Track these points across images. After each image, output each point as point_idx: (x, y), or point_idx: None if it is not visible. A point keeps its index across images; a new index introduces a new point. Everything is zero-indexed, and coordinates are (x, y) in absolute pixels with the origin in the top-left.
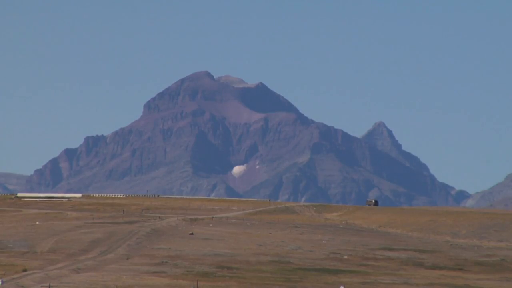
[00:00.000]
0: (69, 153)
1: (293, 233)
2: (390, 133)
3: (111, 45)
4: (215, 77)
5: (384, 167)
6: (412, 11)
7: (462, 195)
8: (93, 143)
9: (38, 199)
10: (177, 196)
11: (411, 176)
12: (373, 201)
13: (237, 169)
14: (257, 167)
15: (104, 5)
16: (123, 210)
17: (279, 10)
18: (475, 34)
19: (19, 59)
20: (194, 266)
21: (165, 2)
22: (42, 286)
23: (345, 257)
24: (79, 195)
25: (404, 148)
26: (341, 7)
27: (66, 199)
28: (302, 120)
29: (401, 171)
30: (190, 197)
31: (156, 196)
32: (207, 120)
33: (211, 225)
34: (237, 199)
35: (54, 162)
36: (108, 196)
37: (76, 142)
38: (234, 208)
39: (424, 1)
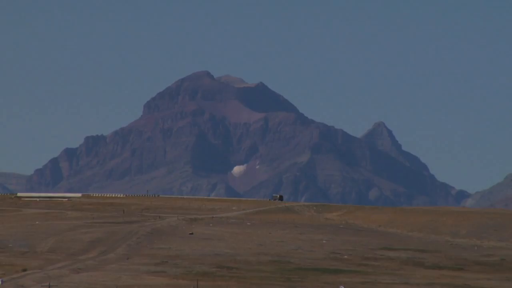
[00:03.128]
0: (69, 153)
1: (293, 233)
2: (390, 133)
3: (111, 45)
4: (215, 77)
5: (384, 167)
6: (412, 11)
7: (462, 195)
8: (93, 143)
9: (38, 199)
10: (177, 196)
11: (411, 176)
12: (278, 196)
13: (237, 169)
14: (257, 167)
15: (104, 5)
16: (123, 210)
17: (279, 10)
18: (475, 33)
19: (19, 59)
20: (194, 266)
21: (165, 2)
22: (42, 285)
23: (345, 257)
24: (79, 194)
25: (404, 148)
26: (341, 7)
27: (66, 199)
28: (302, 120)
29: (401, 171)
30: (190, 197)
31: (156, 196)
32: (207, 120)
33: (211, 225)
34: (237, 198)
35: (54, 162)
36: (108, 195)
37: (76, 142)
38: (234, 208)
39: (424, 1)
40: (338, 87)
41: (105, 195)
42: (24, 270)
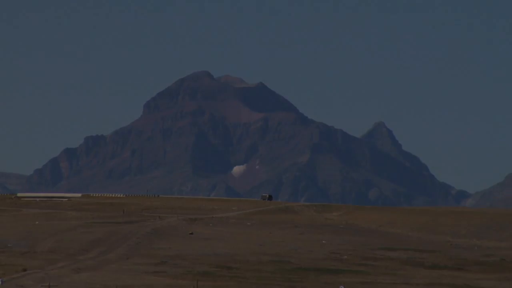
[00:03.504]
0: (69, 153)
1: (293, 233)
2: (390, 133)
3: (111, 44)
4: (215, 77)
5: (384, 167)
6: (411, 11)
7: (462, 195)
8: (93, 143)
9: (38, 199)
10: (177, 196)
11: (411, 176)
12: (267, 195)
13: (237, 169)
14: (257, 167)
15: (104, 4)
16: (123, 210)
17: (278, 10)
18: (475, 33)
19: (19, 59)
20: (194, 266)
21: (165, 2)
22: (42, 285)
23: (345, 257)
24: (79, 194)
25: (404, 148)
26: (341, 7)
27: (66, 199)
28: (302, 120)
29: (401, 171)
30: (190, 197)
31: (156, 196)
32: (207, 120)
33: (211, 225)
34: (237, 198)
35: (54, 162)
36: (108, 195)
37: (76, 142)
38: (234, 208)
39: (424, 1)
40: (338, 87)
41: (105, 195)
42: (24, 270)
